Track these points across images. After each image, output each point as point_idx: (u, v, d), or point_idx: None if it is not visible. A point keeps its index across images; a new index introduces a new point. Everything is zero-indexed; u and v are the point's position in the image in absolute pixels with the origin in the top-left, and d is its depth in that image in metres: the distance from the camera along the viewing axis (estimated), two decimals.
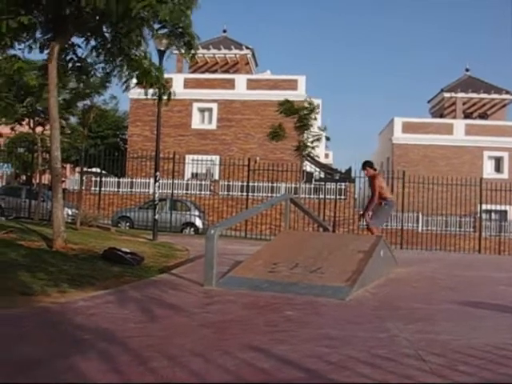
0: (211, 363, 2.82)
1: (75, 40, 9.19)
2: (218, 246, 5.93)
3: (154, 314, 4.12)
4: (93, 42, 8.88)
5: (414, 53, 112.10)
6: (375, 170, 9.48)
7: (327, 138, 22.23)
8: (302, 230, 17.76)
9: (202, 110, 35.96)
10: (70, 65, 9.39)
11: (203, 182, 30.52)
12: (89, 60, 9.15)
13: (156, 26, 8.89)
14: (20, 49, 8.91)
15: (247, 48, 39.75)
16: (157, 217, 14.04)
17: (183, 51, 9.42)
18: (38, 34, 8.75)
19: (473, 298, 5.90)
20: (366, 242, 7.18)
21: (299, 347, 3.29)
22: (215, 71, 39.40)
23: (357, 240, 7.71)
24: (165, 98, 10.39)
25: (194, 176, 32.42)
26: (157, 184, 14.17)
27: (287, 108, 20.66)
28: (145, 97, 10.27)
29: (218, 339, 3.46)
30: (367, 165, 9.45)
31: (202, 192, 29.58)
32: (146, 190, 28.71)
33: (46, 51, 8.91)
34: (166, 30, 9.06)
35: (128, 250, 7.62)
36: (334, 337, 3.71)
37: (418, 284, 7.12)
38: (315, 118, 21.43)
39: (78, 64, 9.46)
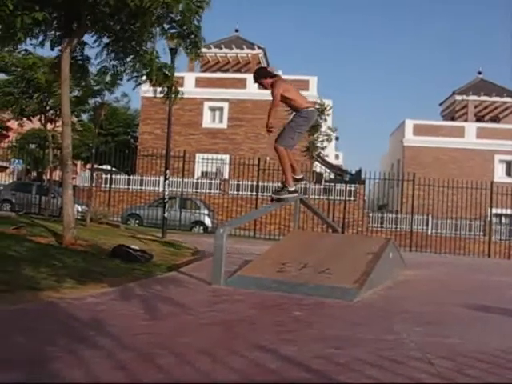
0: (218, 362, 2.82)
1: (85, 38, 9.24)
2: (227, 246, 5.93)
3: (162, 312, 4.13)
4: (105, 40, 8.92)
5: (426, 55, 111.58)
6: (272, 76, 6.79)
7: (336, 138, 22.24)
8: (311, 231, 17.73)
9: (213, 109, 35.99)
10: (72, 62, 9.40)
11: (213, 181, 30.56)
12: (100, 58, 9.17)
13: (166, 26, 8.94)
14: (32, 44, 8.97)
15: (259, 48, 39.74)
16: (166, 215, 14.07)
17: (189, 52, 9.44)
18: (50, 31, 8.82)
19: (482, 301, 5.86)
20: (375, 243, 7.15)
21: (307, 348, 3.29)
22: (227, 70, 39.39)
23: (366, 242, 7.69)
24: (173, 96, 10.42)
25: (204, 175, 32.46)
26: (167, 182, 14.21)
27: None
28: (155, 95, 10.33)
29: (226, 338, 3.46)
30: (260, 75, 6.85)
31: (212, 191, 29.64)
32: (156, 188, 28.79)
33: (57, 48, 8.98)
34: (174, 30, 9.09)
35: (137, 248, 7.65)
36: (341, 338, 3.70)
37: (426, 287, 7.10)
38: (325, 119, 21.41)
39: (81, 63, 9.48)
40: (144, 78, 9.60)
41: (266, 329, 3.86)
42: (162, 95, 10.39)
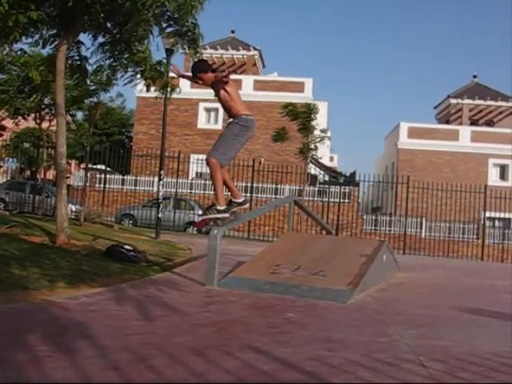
0: (211, 363, 2.81)
1: (81, 38, 9.24)
2: (221, 247, 5.92)
3: (155, 313, 4.11)
4: (100, 39, 8.91)
5: (421, 59, 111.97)
6: (214, 70, 5.95)
7: (328, 138, 22.28)
8: (305, 233, 17.74)
9: (208, 110, 35.98)
10: (70, 62, 9.40)
11: (207, 182, 30.52)
12: (95, 57, 9.17)
13: (163, 25, 8.95)
14: (27, 43, 8.97)
15: (255, 49, 39.77)
16: (160, 215, 14.06)
17: (187, 49, 9.44)
18: (46, 30, 8.82)
19: (475, 304, 5.88)
20: (369, 246, 7.16)
21: (300, 349, 3.28)
22: (222, 71, 39.35)
23: (360, 244, 7.69)
24: (169, 91, 10.41)
25: (199, 176, 32.43)
26: (161, 182, 14.20)
27: (290, 110, 20.79)
28: (151, 95, 10.36)
29: (219, 339, 3.45)
30: (201, 69, 5.87)
31: (206, 192, 29.58)
32: (150, 188, 28.76)
33: (51, 46, 8.99)
34: (172, 29, 9.10)
35: (130, 248, 7.63)
36: (334, 340, 3.70)
37: (420, 290, 7.10)
38: (316, 118, 21.50)
39: (79, 63, 9.48)
40: (139, 76, 9.58)
41: (259, 330, 3.85)
42: (157, 93, 10.38)
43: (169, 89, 10.34)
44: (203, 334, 3.56)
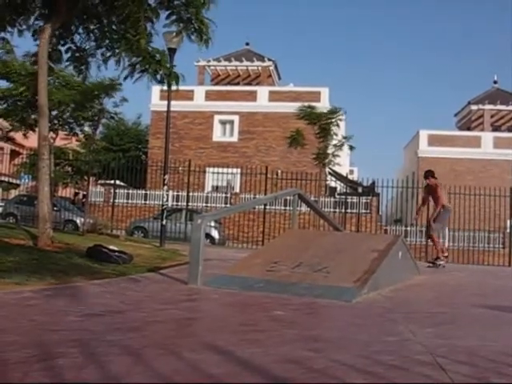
0: (141, 364, 2.02)
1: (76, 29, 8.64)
2: (228, 253, 5.14)
3: (107, 309, 3.34)
4: (92, 27, 8.25)
5: (439, 67, 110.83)
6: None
7: (351, 148, 21.34)
8: (310, 230, 16.78)
9: (223, 123, 35.37)
10: (69, 54, 8.80)
11: (223, 195, 29.84)
12: (87, 46, 8.49)
13: (162, 12, 8.28)
14: (9, 32, 8.41)
15: (269, 60, 39.15)
16: (164, 222, 13.41)
17: (194, 39, 8.70)
18: (32, 19, 8.29)
19: (503, 302, 4.99)
20: (382, 241, 6.30)
21: (275, 350, 2.48)
22: (237, 84, 38.79)
23: (371, 239, 6.84)
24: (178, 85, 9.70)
25: (215, 189, 31.79)
26: (165, 188, 13.67)
27: (308, 113, 19.96)
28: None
29: (172, 337, 2.66)
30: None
31: (222, 205, 28.85)
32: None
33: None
34: (174, 17, 8.39)
35: (115, 248, 6.86)
36: (326, 339, 2.88)
37: (441, 289, 6.22)
38: (337, 125, 20.72)
39: (76, 54, 8.85)
40: (138, 66, 8.84)
41: (230, 328, 3.04)
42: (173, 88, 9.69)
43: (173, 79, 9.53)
44: (154, 331, 2.77)
